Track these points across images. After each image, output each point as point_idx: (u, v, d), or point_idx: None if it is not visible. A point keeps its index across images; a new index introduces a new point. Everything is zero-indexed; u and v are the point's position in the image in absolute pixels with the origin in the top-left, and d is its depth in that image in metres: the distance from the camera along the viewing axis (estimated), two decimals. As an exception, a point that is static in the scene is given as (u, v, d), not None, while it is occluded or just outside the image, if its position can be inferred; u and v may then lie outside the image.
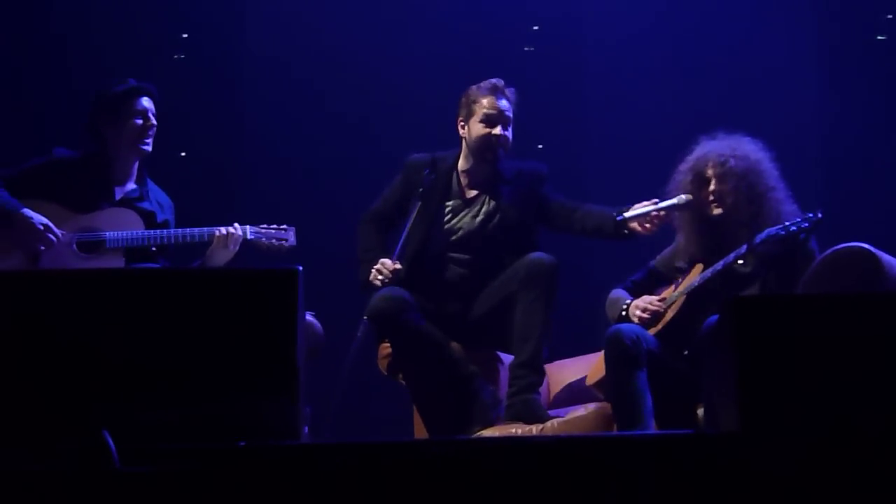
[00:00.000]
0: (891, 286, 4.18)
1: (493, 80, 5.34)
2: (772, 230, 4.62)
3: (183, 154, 6.48)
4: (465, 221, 5.27)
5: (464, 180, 5.30)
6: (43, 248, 5.13)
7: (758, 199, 4.77)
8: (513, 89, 5.35)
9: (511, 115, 5.29)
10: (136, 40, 6.65)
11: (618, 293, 5.05)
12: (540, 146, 6.98)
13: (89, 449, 2.93)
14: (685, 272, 4.92)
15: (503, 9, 7.04)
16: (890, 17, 6.87)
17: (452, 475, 3.10)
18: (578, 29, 7.03)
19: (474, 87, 5.34)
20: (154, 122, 5.37)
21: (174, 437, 3.06)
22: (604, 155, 6.86)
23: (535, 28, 7.09)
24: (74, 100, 6.29)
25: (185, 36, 6.89)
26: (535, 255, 5.05)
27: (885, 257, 4.28)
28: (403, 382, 5.17)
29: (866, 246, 4.32)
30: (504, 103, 5.27)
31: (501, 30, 7.02)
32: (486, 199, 5.27)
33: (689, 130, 5.07)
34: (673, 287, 4.91)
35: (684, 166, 4.93)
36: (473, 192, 5.29)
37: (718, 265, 4.70)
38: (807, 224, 4.59)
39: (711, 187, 4.81)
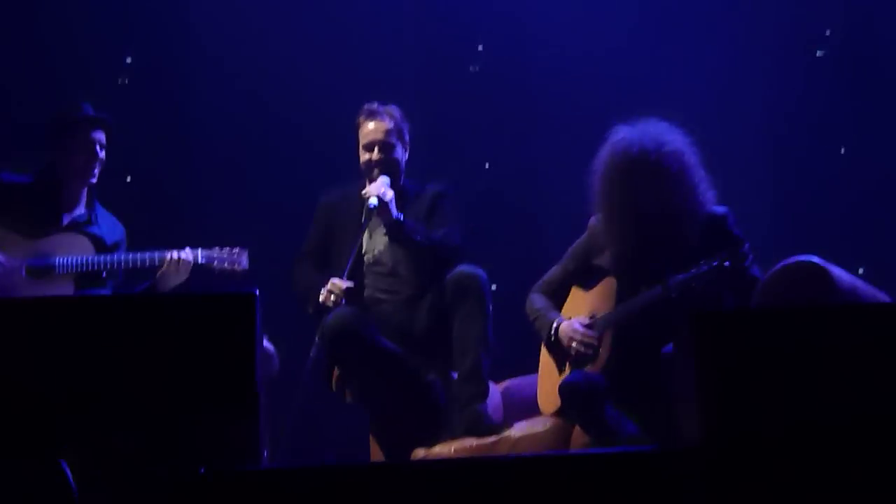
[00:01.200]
0: (841, 298, 4.21)
1: (368, 105, 5.40)
2: (682, 277, 4.58)
3: (129, 179, 6.42)
4: (378, 240, 5.33)
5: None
6: None
7: (675, 186, 4.75)
8: (393, 108, 5.39)
9: (389, 136, 5.33)
10: (81, 64, 6.59)
11: (539, 303, 5.06)
12: (487, 165, 6.99)
13: (47, 476, 2.90)
14: (600, 276, 4.92)
15: (448, 28, 7.04)
16: (829, 33, 6.94)
17: (412, 497, 3.09)
18: (524, 47, 7.04)
19: (359, 112, 5.40)
20: (101, 156, 5.35)
21: (134, 461, 3.04)
22: (553, 172, 6.88)
23: (480, 48, 7.10)
24: (18, 123, 6.25)
25: (128, 60, 6.83)
26: (459, 269, 5.09)
27: (835, 270, 4.31)
28: (353, 401, 5.17)
29: (816, 259, 4.35)
30: (376, 125, 5.33)
31: (447, 49, 7.03)
32: None
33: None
34: (592, 302, 4.91)
35: (599, 168, 4.89)
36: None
37: (635, 306, 4.70)
38: (714, 274, 4.54)
39: (631, 183, 4.78)
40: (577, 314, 4.94)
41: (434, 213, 5.34)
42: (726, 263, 4.54)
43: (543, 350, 5.08)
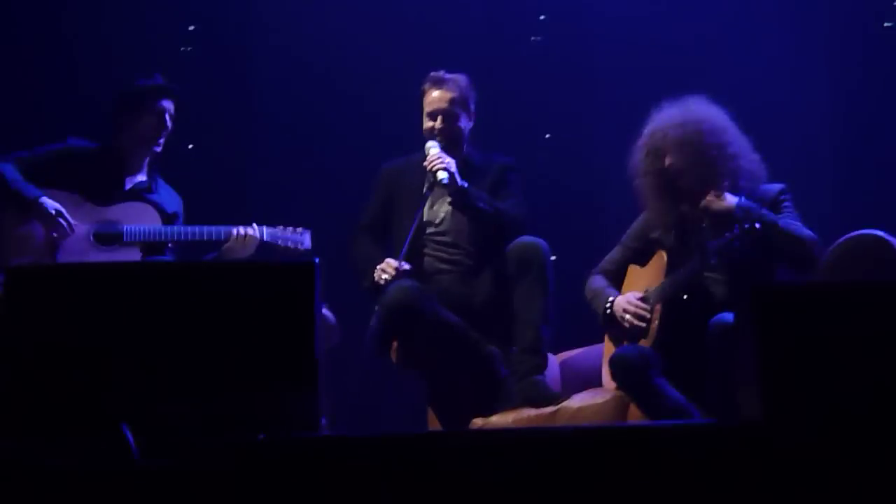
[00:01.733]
0: (906, 272, 4.18)
1: (434, 73, 5.38)
2: (716, 242, 4.57)
3: (191, 146, 6.45)
4: (440, 210, 5.31)
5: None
6: (55, 234, 5.13)
7: (709, 161, 4.73)
8: (460, 76, 5.37)
9: (453, 106, 5.32)
10: (144, 33, 6.64)
11: (598, 283, 5.06)
12: (548, 135, 6.97)
13: (108, 443, 2.93)
14: (656, 247, 4.91)
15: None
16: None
17: (469, 466, 3.10)
18: (585, 18, 7.01)
19: (425, 80, 5.39)
20: (169, 125, 5.40)
21: (193, 430, 3.06)
22: (613, 145, 6.82)
23: (542, 17, 7.07)
24: (84, 91, 6.30)
25: (192, 28, 6.86)
26: (521, 241, 5.08)
27: (898, 243, 4.28)
28: (414, 372, 5.19)
29: (880, 233, 4.32)
30: (441, 94, 5.32)
31: (509, 20, 7.00)
32: None
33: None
34: (646, 277, 4.90)
35: (639, 142, 4.93)
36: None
37: (681, 276, 4.69)
38: (748, 237, 4.50)
39: (665, 161, 4.78)
40: (633, 291, 4.92)
41: (500, 185, 5.33)
42: (757, 225, 4.49)
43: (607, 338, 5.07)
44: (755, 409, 3.04)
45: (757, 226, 4.47)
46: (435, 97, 5.32)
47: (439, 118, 5.29)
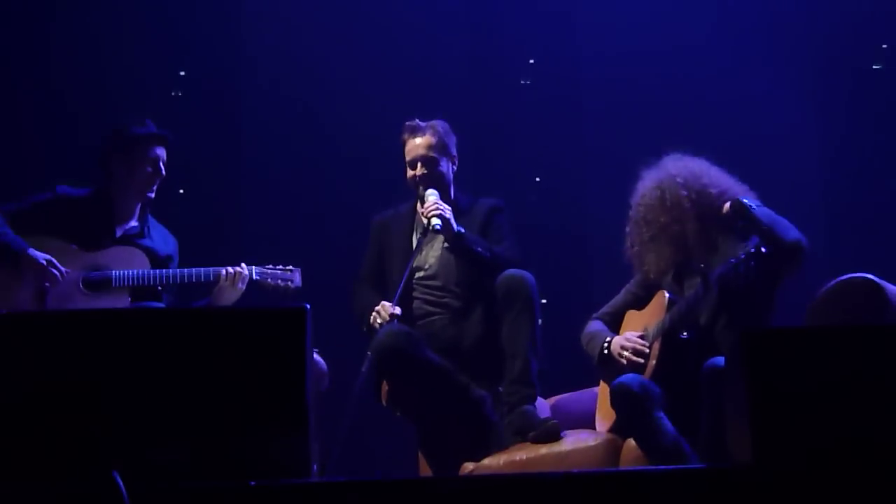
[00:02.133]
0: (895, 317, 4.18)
1: (410, 122, 5.42)
2: (722, 269, 4.58)
3: (182, 191, 6.47)
4: (431, 254, 5.33)
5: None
6: (48, 284, 5.13)
7: (707, 213, 4.78)
8: (437, 122, 5.39)
9: (431, 151, 5.33)
10: (135, 77, 6.66)
11: (594, 326, 5.07)
12: (538, 179, 6.99)
13: (99, 491, 2.92)
14: (650, 296, 4.93)
15: (500, 42, 7.05)
16: (885, 46, 6.89)
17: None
18: (575, 61, 7.04)
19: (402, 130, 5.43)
20: (164, 172, 5.40)
21: (185, 476, 3.05)
22: (603, 187, 6.86)
23: (532, 61, 7.10)
24: (73, 136, 6.31)
25: (182, 73, 6.89)
26: (506, 274, 5.09)
27: (890, 287, 4.29)
28: (404, 416, 5.18)
29: (870, 276, 4.32)
30: (420, 141, 5.34)
31: (498, 64, 7.04)
32: None
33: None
34: (645, 318, 4.91)
35: (633, 215, 4.98)
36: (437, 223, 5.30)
37: (682, 306, 4.70)
38: (752, 261, 4.50)
39: (652, 224, 4.84)
40: (631, 331, 4.93)
41: (489, 228, 5.35)
42: (763, 249, 4.50)
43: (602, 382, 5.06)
44: (746, 452, 3.04)
45: (763, 249, 4.49)
46: (413, 145, 5.36)
47: (419, 165, 5.32)
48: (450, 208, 5.19)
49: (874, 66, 6.92)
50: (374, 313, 5.11)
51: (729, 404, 3.29)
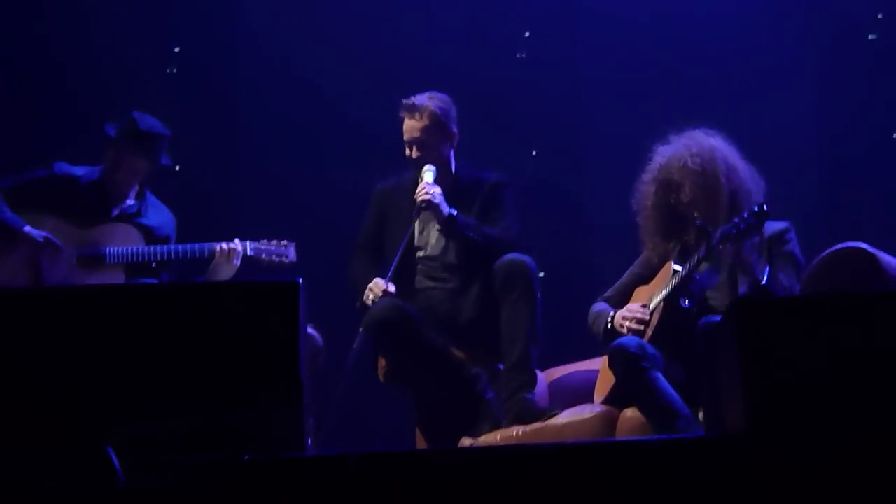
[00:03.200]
0: (889, 285, 4.18)
1: (406, 100, 5.31)
2: (724, 228, 4.57)
3: (177, 168, 6.46)
4: (430, 233, 5.31)
5: None
6: (45, 259, 5.14)
7: (717, 190, 4.75)
8: (435, 99, 5.30)
9: (424, 134, 5.24)
10: (129, 54, 6.64)
11: (600, 307, 5.06)
12: (534, 152, 6.98)
13: (94, 465, 2.93)
14: (655, 272, 4.92)
15: (494, 16, 7.03)
16: (880, 16, 6.87)
17: (456, 484, 3.10)
18: (571, 34, 7.02)
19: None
20: (160, 164, 5.41)
21: (179, 451, 3.06)
22: (600, 160, 6.86)
23: (527, 34, 7.08)
24: (70, 112, 6.31)
25: (177, 50, 6.87)
26: (509, 258, 5.06)
27: (884, 256, 4.29)
28: (398, 390, 5.19)
29: (864, 245, 4.32)
30: (412, 123, 5.27)
31: (493, 37, 7.02)
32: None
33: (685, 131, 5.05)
34: (651, 290, 4.91)
35: (646, 177, 4.94)
36: None
37: (684, 268, 4.70)
38: (753, 219, 4.52)
39: (680, 192, 4.81)
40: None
41: (492, 204, 5.31)
42: (765, 207, 4.50)
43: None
44: (739, 421, 3.05)
45: (766, 207, 4.49)
46: (408, 126, 5.28)
47: (413, 147, 5.28)
48: (439, 191, 5.12)
49: (869, 37, 6.89)
50: (367, 290, 5.10)
51: (723, 373, 3.29)
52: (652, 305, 4.80)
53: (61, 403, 3.09)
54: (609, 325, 4.91)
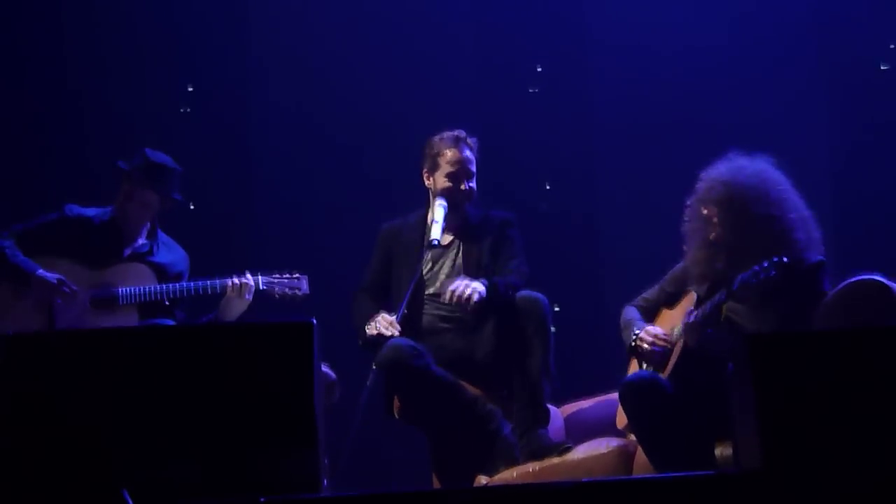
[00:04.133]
0: (906, 317, 4.16)
1: (455, 132, 5.32)
2: (744, 276, 4.50)
3: (192, 206, 6.49)
4: (443, 268, 5.30)
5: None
6: (60, 301, 5.15)
7: (751, 225, 4.66)
8: (475, 139, 5.35)
9: (474, 167, 5.29)
10: (143, 93, 6.68)
11: (631, 314, 5.01)
12: (548, 187, 6.99)
13: (110, 508, 2.93)
14: (681, 296, 4.89)
15: (507, 50, 7.06)
16: (893, 46, 6.87)
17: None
18: (583, 69, 7.04)
19: (436, 138, 5.33)
20: (172, 200, 5.44)
21: (195, 493, 3.06)
22: (612, 194, 6.87)
23: (539, 69, 7.10)
24: (83, 154, 6.34)
25: (190, 89, 6.91)
26: (522, 295, 5.05)
27: (899, 289, 4.27)
28: (418, 428, 5.17)
29: (879, 278, 4.30)
30: (468, 154, 5.29)
31: (506, 72, 7.04)
32: (459, 244, 5.29)
33: (697, 165, 5.04)
34: (673, 318, 4.89)
35: (690, 199, 4.90)
36: (448, 239, 5.30)
37: (707, 307, 4.65)
38: (773, 271, 4.44)
39: (709, 217, 4.77)
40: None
41: (502, 243, 5.30)
42: (785, 259, 4.45)
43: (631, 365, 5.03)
44: (755, 458, 3.04)
45: (785, 259, 4.45)
46: (458, 157, 5.26)
47: (464, 179, 5.28)
48: (480, 288, 5.03)
49: (882, 67, 6.90)
50: (372, 325, 5.08)
51: (737, 410, 3.28)
52: (674, 336, 4.77)
53: (76, 447, 3.09)
54: (634, 343, 4.86)
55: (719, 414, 4.31)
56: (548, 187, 7.00)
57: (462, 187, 5.27)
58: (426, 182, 5.35)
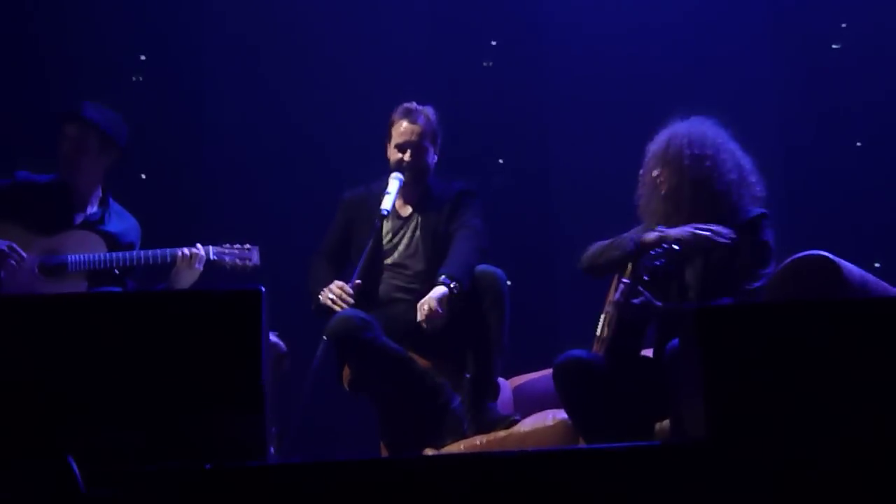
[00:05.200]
0: (852, 293, 4.20)
1: (407, 104, 5.35)
2: (644, 261, 4.57)
3: (143, 176, 6.45)
4: (402, 239, 5.32)
5: (397, 201, 5.28)
6: (8, 268, 5.11)
7: (698, 188, 4.70)
8: (430, 109, 5.36)
9: (422, 139, 5.29)
10: (95, 62, 6.62)
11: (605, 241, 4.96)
12: (501, 161, 6.99)
13: (54, 474, 2.91)
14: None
15: (461, 24, 7.05)
16: (845, 25, 6.91)
17: (419, 492, 3.10)
18: (538, 43, 7.04)
19: (396, 109, 5.36)
20: (82, 151, 5.36)
21: (141, 459, 3.05)
22: (566, 170, 6.88)
23: (494, 43, 7.10)
24: (34, 122, 6.27)
25: (143, 58, 6.86)
26: (479, 269, 5.06)
27: (846, 265, 4.31)
28: (367, 399, 5.18)
29: (826, 254, 4.34)
30: (412, 127, 5.29)
31: (460, 46, 7.03)
32: (417, 217, 5.31)
33: (649, 140, 5.04)
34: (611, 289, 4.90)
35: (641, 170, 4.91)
36: (408, 210, 5.32)
37: (627, 281, 4.65)
38: (663, 259, 4.54)
39: (657, 177, 4.78)
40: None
41: (456, 209, 5.30)
42: (675, 247, 4.51)
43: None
44: (700, 428, 3.06)
45: (675, 247, 4.50)
46: (406, 129, 5.29)
47: (408, 152, 5.28)
48: (440, 312, 4.94)
49: (833, 46, 6.94)
50: (325, 292, 5.08)
51: (682, 381, 3.30)
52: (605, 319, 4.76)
53: (21, 413, 3.08)
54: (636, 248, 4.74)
55: (657, 393, 4.36)
56: (501, 162, 7.00)
57: (406, 158, 5.27)
58: (387, 153, 5.36)
